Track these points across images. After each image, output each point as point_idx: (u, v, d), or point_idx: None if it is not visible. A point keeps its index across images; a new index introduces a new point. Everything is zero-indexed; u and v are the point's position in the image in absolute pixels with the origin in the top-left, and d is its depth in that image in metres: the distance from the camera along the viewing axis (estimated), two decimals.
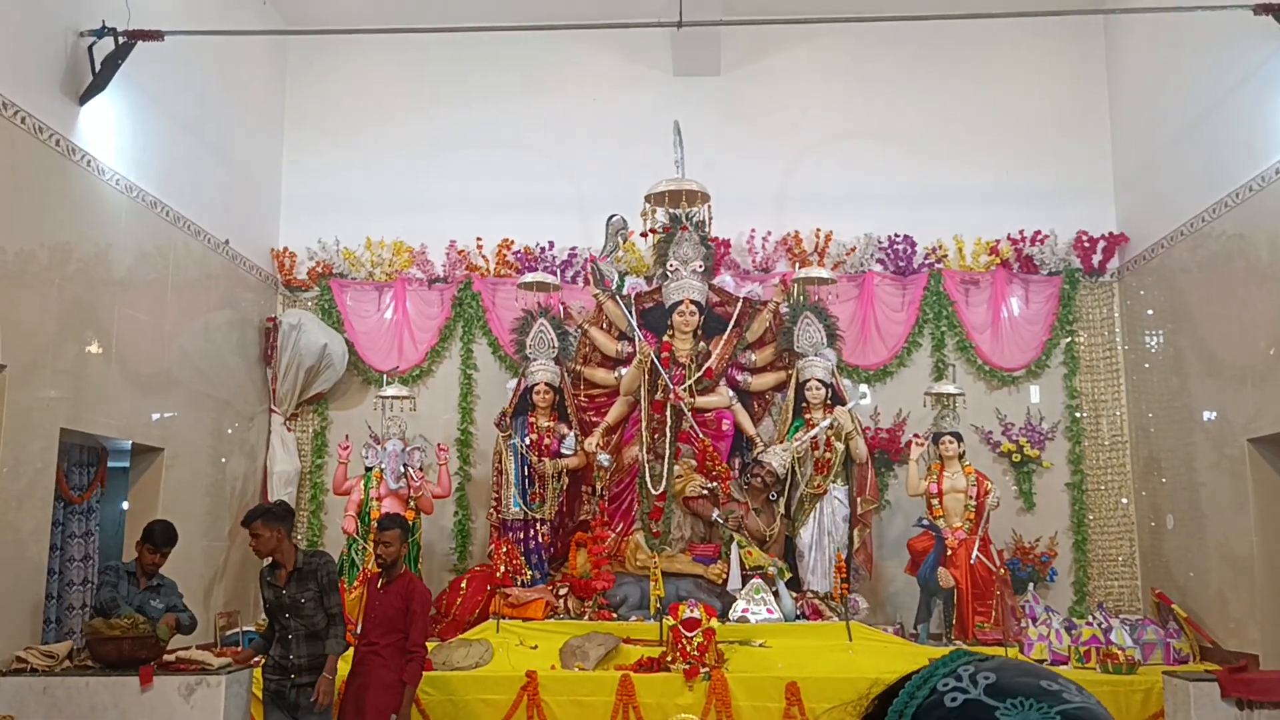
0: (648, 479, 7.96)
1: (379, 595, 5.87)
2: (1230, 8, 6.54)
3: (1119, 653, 6.74)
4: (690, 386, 8.04)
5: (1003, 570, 7.78)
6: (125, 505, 7.52)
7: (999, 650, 6.67)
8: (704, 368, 8.10)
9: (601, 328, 8.51)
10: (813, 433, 7.92)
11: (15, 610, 5.86)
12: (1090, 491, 8.90)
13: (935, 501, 7.82)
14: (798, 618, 7.37)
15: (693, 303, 8.12)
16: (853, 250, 9.14)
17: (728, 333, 8.26)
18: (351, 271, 9.34)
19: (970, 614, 7.47)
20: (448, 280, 9.33)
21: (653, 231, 8.18)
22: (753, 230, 9.16)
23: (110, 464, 7.08)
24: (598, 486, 7.99)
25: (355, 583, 7.63)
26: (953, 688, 0.89)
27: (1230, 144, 7.21)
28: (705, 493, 7.78)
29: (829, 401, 8.07)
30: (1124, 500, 8.86)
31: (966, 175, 9.20)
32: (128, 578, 6.23)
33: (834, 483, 7.96)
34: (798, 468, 7.99)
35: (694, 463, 7.90)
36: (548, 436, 8.11)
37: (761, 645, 6.90)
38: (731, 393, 8.27)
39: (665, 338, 8.19)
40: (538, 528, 8.04)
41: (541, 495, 8.05)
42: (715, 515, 7.74)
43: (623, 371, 8.28)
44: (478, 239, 9.30)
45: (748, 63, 9.57)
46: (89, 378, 6.49)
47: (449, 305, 9.29)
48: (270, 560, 5.64)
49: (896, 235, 9.16)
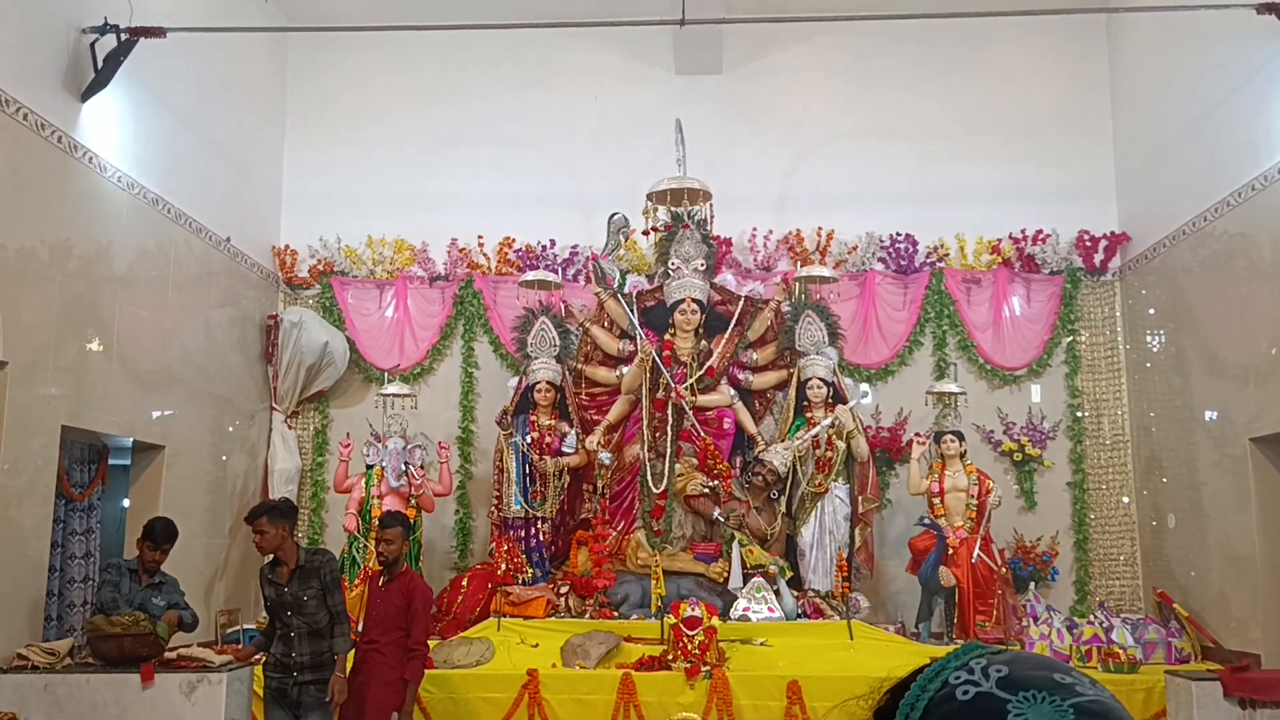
0: (649, 477, 7.96)
1: (380, 593, 5.87)
2: (1233, 6, 6.52)
3: (1120, 652, 6.75)
4: (692, 385, 8.04)
5: (1004, 569, 7.78)
6: (126, 503, 7.51)
7: None
8: (705, 366, 8.10)
9: (603, 326, 8.51)
10: (814, 431, 7.91)
11: (16, 607, 5.85)
12: (1091, 491, 8.89)
13: (937, 500, 7.82)
14: (799, 616, 7.36)
15: (694, 301, 8.11)
16: (854, 249, 9.13)
17: (729, 331, 8.26)
18: (353, 269, 9.33)
19: (971, 613, 7.47)
20: (449, 278, 9.32)
21: (654, 230, 8.17)
22: (754, 229, 9.15)
23: (111, 461, 7.09)
24: (599, 485, 7.99)
25: (356, 581, 7.62)
26: (965, 681, 0.88)
27: (1232, 143, 7.20)
28: (706, 491, 7.77)
29: (830, 400, 8.07)
30: (1125, 499, 8.85)
31: (968, 174, 9.19)
32: (129, 575, 6.22)
33: (835, 481, 7.95)
34: (799, 466, 7.98)
35: (695, 461, 7.90)
36: (549, 435, 8.11)
37: (763, 644, 6.90)
38: (733, 391, 8.27)
39: (667, 336, 8.18)
40: (539, 526, 8.04)
41: (543, 493, 8.05)
42: (716, 514, 7.73)
43: (624, 370, 8.28)
44: (479, 237, 9.29)
45: (750, 61, 9.56)
46: (90, 375, 6.49)
47: (450, 303, 9.28)
48: (271, 558, 5.62)
49: (898, 234, 9.15)
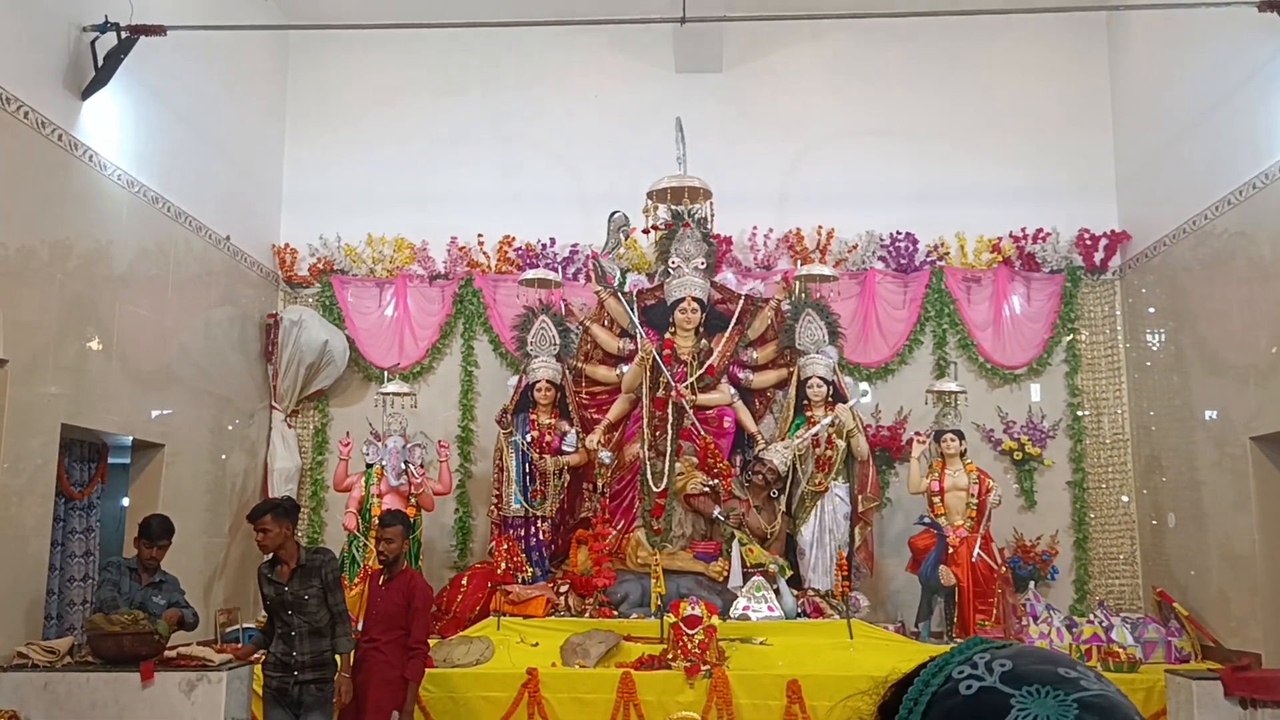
0: (649, 476, 7.95)
1: (380, 592, 5.87)
2: (1234, 4, 6.52)
3: (1120, 651, 6.74)
4: (692, 384, 8.03)
5: (1004, 568, 7.77)
6: (126, 501, 7.51)
7: None
8: (705, 365, 8.09)
9: (603, 325, 8.50)
10: (814, 430, 7.91)
11: (16, 606, 5.85)
12: (1091, 490, 8.89)
13: (936, 499, 7.81)
14: (799, 615, 7.36)
15: (694, 300, 8.10)
16: (854, 248, 9.13)
17: (729, 330, 8.25)
18: (352, 268, 9.33)
19: (971, 612, 7.46)
20: (449, 277, 9.31)
21: (654, 228, 8.16)
22: (754, 227, 9.14)
23: (111, 460, 7.08)
24: (599, 484, 7.98)
25: (356, 579, 7.62)
26: (968, 675, 0.88)
27: (1233, 141, 7.19)
28: (706, 490, 7.77)
29: (830, 399, 8.06)
30: (1125, 498, 8.85)
31: (968, 172, 9.18)
32: (129, 574, 6.21)
33: (835, 480, 7.95)
34: (799, 465, 7.98)
35: (695, 460, 7.89)
36: (549, 434, 8.10)
37: (762, 643, 6.89)
38: (733, 390, 8.26)
39: (667, 335, 8.18)
40: (539, 525, 8.03)
41: (542, 492, 8.04)
42: (716, 513, 7.72)
43: (624, 369, 8.27)
44: (479, 235, 9.28)
45: (750, 59, 9.55)
46: (90, 374, 6.49)
47: (450, 302, 9.27)
48: (270, 556, 5.62)
49: (898, 232, 9.14)
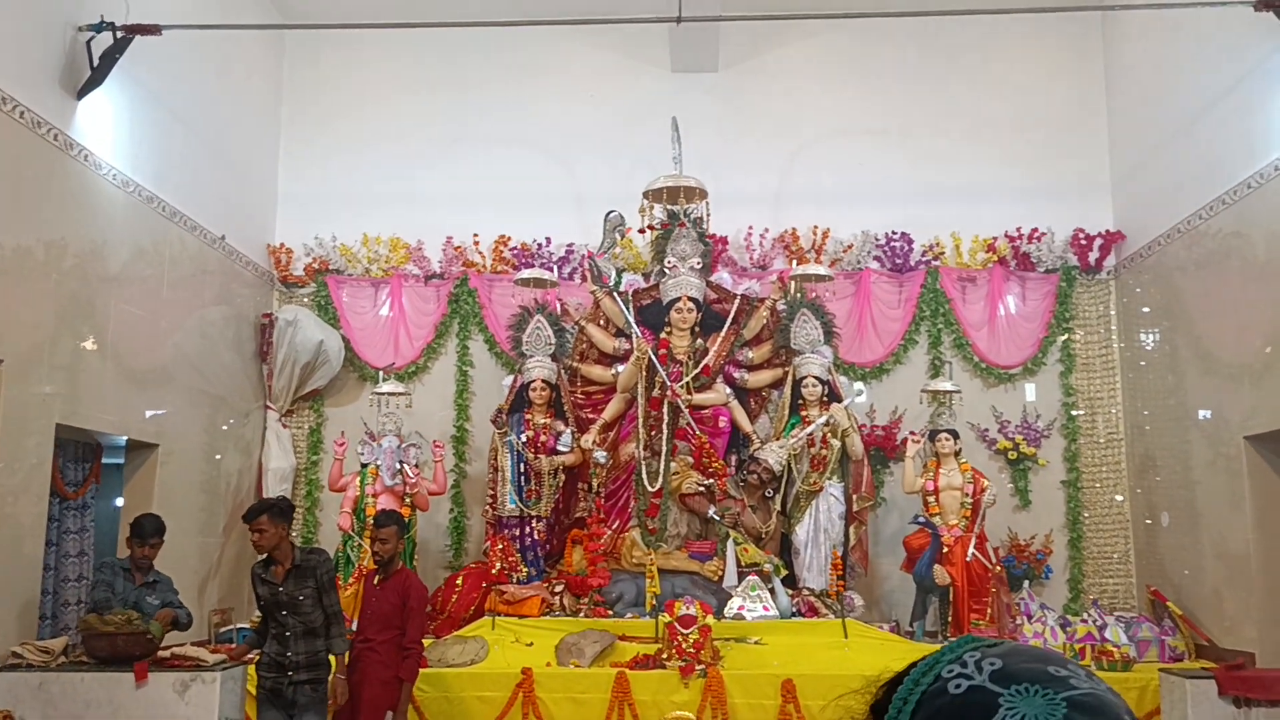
0: (644, 476, 7.95)
1: (375, 592, 5.86)
2: (1230, 3, 6.53)
3: (1114, 650, 6.75)
4: (687, 383, 8.03)
5: (998, 568, 7.79)
6: (120, 501, 7.49)
7: None
8: (701, 365, 8.09)
9: (599, 324, 8.50)
10: (809, 429, 7.91)
11: (10, 606, 5.84)
12: (1086, 489, 8.90)
13: (931, 499, 7.82)
14: (793, 615, 7.36)
15: (690, 299, 8.10)
16: (850, 247, 9.13)
17: (725, 330, 8.25)
18: (348, 267, 9.32)
19: (966, 611, 7.47)
20: (444, 276, 9.30)
21: (650, 228, 8.16)
22: (750, 227, 9.14)
23: (105, 460, 7.06)
24: (594, 483, 7.97)
25: (351, 580, 7.61)
26: (958, 674, 0.88)
27: (1228, 141, 7.20)
28: (702, 489, 7.76)
29: (825, 398, 8.06)
30: (1119, 498, 8.86)
31: (964, 172, 9.19)
32: (124, 574, 6.20)
33: (830, 480, 7.95)
34: (794, 465, 7.98)
35: (691, 459, 7.89)
36: (544, 433, 8.10)
37: (757, 642, 6.90)
38: (728, 390, 8.26)
39: (662, 334, 8.17)
40: (534, 525, 8.03)
41: (537, 492, 8.04)
42: (711, 512, 7.72)
43: (620, 368, 8.27)
44: (474, 235, 9.28)
45: (746, 59, 9.55)
46: (84, 373, 6.47)
47: (445, 301, 9.26)
48: (265, 556, 5.60)
49: (894, 232, 9.15)
